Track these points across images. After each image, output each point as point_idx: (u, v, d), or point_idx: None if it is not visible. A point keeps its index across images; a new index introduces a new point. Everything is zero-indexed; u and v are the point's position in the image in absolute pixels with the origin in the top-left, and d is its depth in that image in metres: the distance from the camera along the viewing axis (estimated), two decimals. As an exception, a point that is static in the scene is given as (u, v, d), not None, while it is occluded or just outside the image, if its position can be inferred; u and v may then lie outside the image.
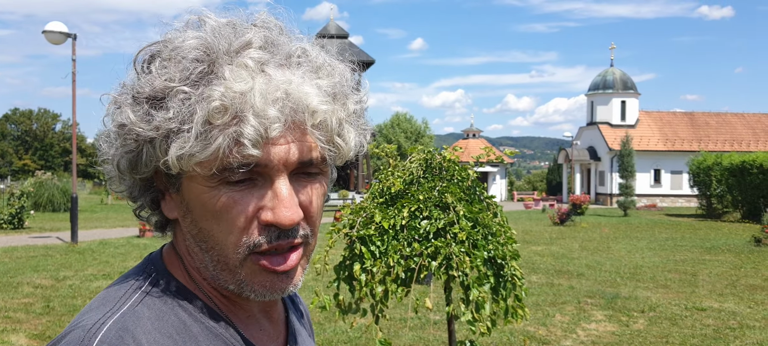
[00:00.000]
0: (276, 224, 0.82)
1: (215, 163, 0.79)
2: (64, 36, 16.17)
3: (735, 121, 54.20)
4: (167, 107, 0.79)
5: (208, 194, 0.82)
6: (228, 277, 0.86)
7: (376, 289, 3.90)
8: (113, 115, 0.85)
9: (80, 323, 0.82)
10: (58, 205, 30.73)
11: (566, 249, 17.31)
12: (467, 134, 59.43)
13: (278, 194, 0.81)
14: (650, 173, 51.19)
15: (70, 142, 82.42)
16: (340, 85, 0.86)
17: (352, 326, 4.24)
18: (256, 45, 0.82)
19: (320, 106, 0.81)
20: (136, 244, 16.67)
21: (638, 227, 26.55)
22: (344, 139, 0.87)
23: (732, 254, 16.25)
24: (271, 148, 0.79)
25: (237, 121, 0.77)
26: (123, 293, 0.87)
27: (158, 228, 0.95)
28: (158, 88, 0.80)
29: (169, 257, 0.94)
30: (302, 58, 0.85)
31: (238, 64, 0.79)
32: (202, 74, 0.79)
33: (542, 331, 8.02)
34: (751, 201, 29.51)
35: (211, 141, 0.77)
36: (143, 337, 0.80)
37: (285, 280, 0.86)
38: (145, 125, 0.80)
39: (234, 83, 0.77)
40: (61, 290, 10.14)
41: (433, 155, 4.50)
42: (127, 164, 0.85)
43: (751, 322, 8.71)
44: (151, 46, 0.86)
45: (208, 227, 0.84)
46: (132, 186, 0.90)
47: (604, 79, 54.01)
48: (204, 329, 0.87)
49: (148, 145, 0.82)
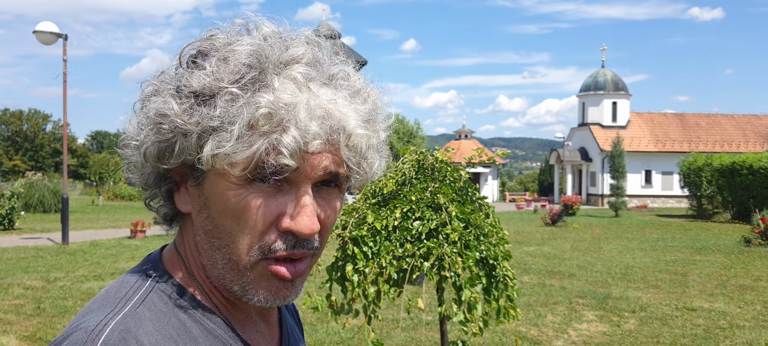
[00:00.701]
0: (296, 232, 0.83)
1: (249, 165, 0.80)
2: (55, 36, 16.09)
3: (725, 122, 54.49)
4: (213, 105, 0.81)
5: (233, 191, 0.83)
6: (234, 277, 0.87)
7: (368, 290, 3.90)
8: (150, 102, 0.86)
9: (82, 324, 0.82)
10: (49, 206, 30.60)
11: (558, 250, 17.36)
12: (459, 135, 59.47)
13: (301, 204, 0.83)
14: (641, 173, 51.39)
15: (61, 142, 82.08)
16: (373, 112, 0.90)
17: (344, 327, 4.24)
18: (304, 61, 0.85)
19: (356, 130, 0.85)
20: (127, 245, 16.61)
21: (629, 227, 26.66)
22: (369, 164, 0.91)
23: (722, 255, 16.34)
24: (304, 159, 0.82)
25: (279, 130, 0.80)
26: (124, 293, 0.87)
27: (165, 220, 0.95)
28: (207, 85, 0.82)
29: (170, 257, 0.95)
30: (343, 80, 0.88)
31: (287, 76, 0.82)
32: (253, 80, 0.81)
33: (534, 331, 8.04)
34: (741, 202, 29.65)
35: (250, 145, 0.79)
36: (145, 339, 0.80)
37: (290, 288, 0.88)
38: (186, 118, 0.82)
39: (282, 94, 0.80)
40: (52, 292, 10.09)
41: (426, 156, 4.51)
42: (155, 152, 0.85)
43: (741, 322, 8.76)
44: (199, 42, 0.87)
45: (226, 224, 0.84)
46: (149, 175, 0.90)
47: (596, 80, 54.19)
48: (203, 330, 0.88)
49: (183, 138, 0.83)
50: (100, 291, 0.91)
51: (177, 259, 0.94)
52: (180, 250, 0.95)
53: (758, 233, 18.49)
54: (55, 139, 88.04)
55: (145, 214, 27.80)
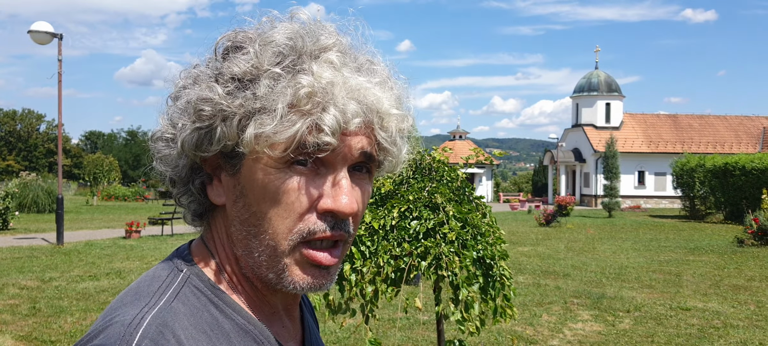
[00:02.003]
0: (335, 212, 0.85)
1: (291, 145, 0.82)
2: (50, 36, 16.04)
3: (718, 123, 54.69)
4: (256, 87, 0.83)
5: (274, 175, 0.84)
6: (271, 264, 0.88)
7: (365, 289, 3.92)
8: (185, 91, 0.89)
9: (117, 318, 0.81)
10: (43, 206, 30.51)
11: (552, 250, 17.42)
12: (454, 136, 59.54)
13: (340, 183, 0.86)
14: (634, 174, 51.55)
15: (55, 142, 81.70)
16: (400, 99, 0.93)
17: (341, 327, 4.26)
18: (336, 49, 0.88)
19: (390, 111, 0.89)
20: (122, 245, 16.58)
21: (623, 228, 26.74)
22: (399, 148, 0.94)
23: (715, 255, 16.41)
24: (343, 139, 0.85)
25: (320, 109, 0.82)
26: (157, 287, 0.87)
27: (195, 216, 0.96)
28: (249, 69, 0.84)
29: (199, 251, 0.95)
30: (371, 69, 0.91)
31: (323, 60, 0.85)
32: (293, 63, 0.84)
33: (530, 331, 8.08)
34: (734, 202, 29.77)
35: (292, 123, 0.82)
36: (181, 332, 0.81)
37: (326, 275, 0.89)
38: (230, 100, 0.84)
39: (322, 74, 0.83)
40: (47, 292, 10.08)
41: (423, 156, 4.53)
42: (194, 140, 0.87)
43: (735, 321, 8.82)
44: (233, 34, 0.90)
45: (265, 209, 0.86)
46: (183, 168, 0.91)
47: (589, 81, 54.33)
48: (235, 325, 0.89)
49: (224, 123, 0.84)
50: (130, 284, 0.91)
51: (206, 253, 0.94)
52: (209, 244, 0.95)
53: (751, 234, 18.59)
54: (50, 139, 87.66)
55: (140, 214, 27.74)
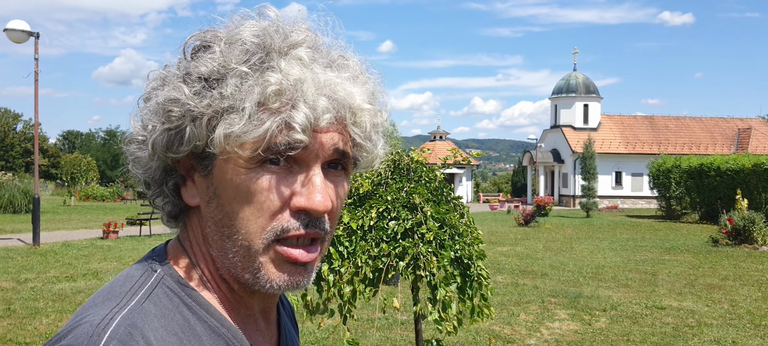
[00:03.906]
0: (308, 210, 0.85)
1: (261, 144, 0.82)
2: (26, 34, 15.84)
3: (693, 125, 55.34)
4: (224, 86, 0.83)
5: (245, 175, 0.84)
6: (246, 264, 0.87)
7: (343, 289, 3.93)
8: (155, 92, 0.88)
9: (86, 318, 0.80)
10: (19, 206, 30.10)
11: (531, 250, 17.53)
12: (434, 136, 59.64)
13: (313, 181, 0.85)
14: (612, 175, 52.00)
15: (32, 142, 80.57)
16: (374, 94, 0.93)
17: (319, 327, 4.27)
18: (306, 45, 0.87)
19: (363, 106, 0.88)
20: (100, 246, 16.41)
21: (600, 228, 26.98)
22: (374, 143, 0.94)
23: (690, 254, 16.63)
24: (314, 136, 0.84)
25: (289, 106, 0.82)
26: (129, 288, 0.86)
27: (170, 217, 0.95)
28: (215, 68, 0.84)
29: (174, 251, 0.95)
30: (344, 63, 0.91)
31: (292, 57, 0.84)
32: (260, 61, 0.84)
33: (507, 330, 8.14)
34: (709, 203, 30.15)
35: (261, 122, 0.81)
36: (151, 334, 0.80)
37: (303, 272, 0.89)
38: (197, 101, 0.83)
39: (290, 71, 0.83)
40: (23, 293, 9.96)
41: (401, 156, 4.55)
42: (164, 142, 0.86)
43: (709, 320, 8.95)
44: (201, 34, 0.89)
45: (238, 209, 0.85)
46: (155, 169, 0.91)
47: (568, 83, 54.74)
48: (207, 328, 0.88)
49: (193, 123, 0.84)
50: (103, 285, 0.91)
51: (182, 253, 0.94)
52: (185, 245, 0.94)
53: (725, 233, 18.86)
54: (26, 138, 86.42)
55: (118, 214, 27.46)
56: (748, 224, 18.26)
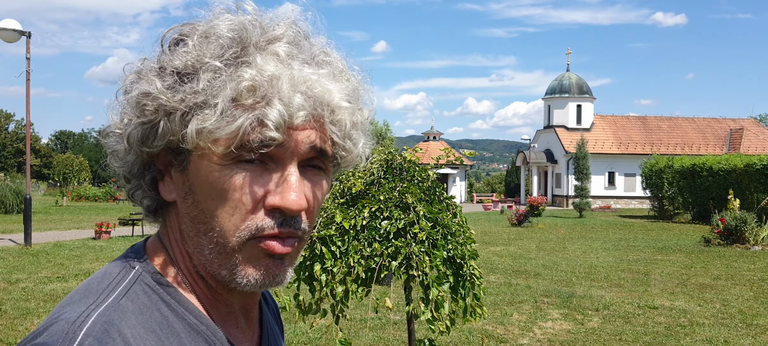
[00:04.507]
0: (283, 209, 0.83)
1: (234, 141, 0.80)
2: (18, 33, 15.76)
3: (686, 125, 55.57)
4: (196, 81, 0.81)
5: (218, 172, 0.82)
6: (222, 262, 0.86)
7: (336, 289, 3.92)
8: (133, 85, 0.86)
9: (62, 315, 0.80)
10: (11, 206, 30.00)
11: (524, 250, 17.57)
12: (428, 136, 59.70)
13: (288, 179, 0.83)
14: (605, 175, 52.16)
15: (24, 142, 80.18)
16: (356, 92, 0.91)
17: (312, 327, 4.26)
18: (285, 40, 0.85)
19: (341, 104, 0.86)
20: (92, 246, 16.35)
21: (593, 228, 27.06)
22: (354, 142, 0.92)
23: (683, 254, 16.69)
24: (289, 134, 0.83)
25: (263, 103, 0.80)
26: (106, 285, 0.85)
27: (149, 212, 0.94)
28: (189, 62, 0.82)
29: (154, 248, 0.94)
30: (325, 60, 0.89)
31: (269, 52, 0.83)
32: (235, 56, 0.82)
33: (500, 329, 8.14)
34: (701, 203, 30.27)
35: (234, 119, 0.79)
36: (128, 331, 0.79)
37: (280, 266, 0.87)
38: (170, 95, 0.82)
39: (265, 66, 0.81)
40: (14, 293, 9.92)
41: (394, 156, 4.54)
42: (138, 136, 0.85)
43: (701, 319, 8.98)
44: (180, 26, 0.88)
45: (212, 207, 0.84)
46: (132, 164, 0.90)
47: (561, 83, 54.89)
48: (185, 325, 0.87)
49: (167, 118, 0.82)
50: (80, 283, 0.90)
51: (161, 250, 0.93)
52: (164, 241, 0.93)
53: (717, 233, 18.94)
54: (18, 138, 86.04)
55: (110, 215, 27.37)
56: (740, 224, 18.35)
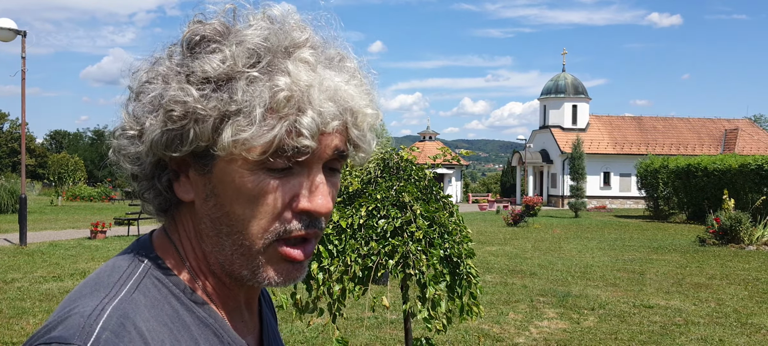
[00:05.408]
0: (312, 212, 0.85)
1: (269, 149, 0.81)
2: (13, 33, 15.72)
3: (681, 125, 55.68)
4: (232, 90, 0.81)
5: (249, 177, 0.83)
6: (244, 263, 0.88)
7: (333, 288, 3.93)
8: (153, 87, 0.85)
9: (76, 309, 0.79)
10: (6, 206, 29.88)
11: (519, 249, 17.59)
12: (424, 136, 59.67)
13: (316, 183, 0.86)
14: (600, 175, 52.22)
15: (19, 142, 79.93)
16: (371, 94, 0.92)
17: (309, 326, 4.27)
18: (309, 44, 0.86)
19: (363, 109, 0.88)
20: (87, 246, 16.31)
21: (588, 227, 27.09)
22: (368, 143, 0.93)
23: (678, 254, 16.73)
24: (319, 139, 0.84)
25: (297, 111, 0.81)
26: (117, 278, 0.85)
27: (160, 210, 0.94)
28: (223, 70, 0.82)
29: (161, 242, 0.93)
30: (341, 63, 0.90)
31: (298, 59, 0.83)
32: (268, 64, 0.82)
33: (496, 329, 8.16)
34: (696, 203, 30.32)
35: (271, 128, 0.80)
36: (143, 324, 0.80)
37: (299, 269, 0.90)
38: (204, 103, 0.81)
39: (299, 76, 0.82)
40: (9, 293, 9.89)
41: (391, 155, 4.55)
42: (164, 140, 0.84)
43: (696, 318, 9.01)
44: (201, 26, 0.86)
45: (239, 210, 0.85)
46: (148, 165, 0.89)
47: (557, 83, 54.93)
48: (195, 318, 0.88)
49: (197, 125, 0.82)
50: (89, 275, 0.90)
51: (169, 245, 0.93)
52: (172, 237, 0.93)
53: (712, 233, 18.99)
54: (13, 138, 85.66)
55: (105, 214, 27.30)
56: (735, 224, 18.40)
